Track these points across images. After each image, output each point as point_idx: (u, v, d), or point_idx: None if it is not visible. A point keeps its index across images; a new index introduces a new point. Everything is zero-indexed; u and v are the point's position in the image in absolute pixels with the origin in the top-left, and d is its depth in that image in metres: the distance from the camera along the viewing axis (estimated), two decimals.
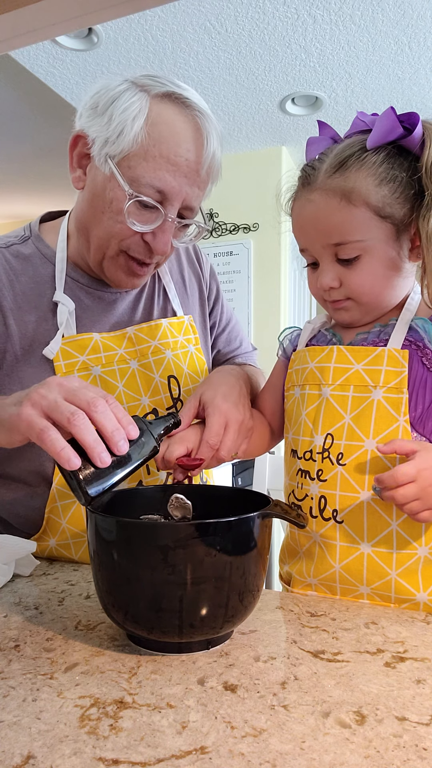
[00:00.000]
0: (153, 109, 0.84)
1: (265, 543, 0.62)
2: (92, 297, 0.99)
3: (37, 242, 0.99)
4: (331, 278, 0.77)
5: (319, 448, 0.78)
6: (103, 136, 0.85)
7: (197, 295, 1.15)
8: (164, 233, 0.88)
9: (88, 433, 0.63)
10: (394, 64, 2.51)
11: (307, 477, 0.79)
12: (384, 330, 0.79)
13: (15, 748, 0.45)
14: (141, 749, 0.44)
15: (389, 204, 0.73)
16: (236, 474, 2.80)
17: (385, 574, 0.73)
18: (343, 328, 0.86)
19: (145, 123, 0.83)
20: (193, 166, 0.86)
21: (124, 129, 0.83)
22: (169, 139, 0.84)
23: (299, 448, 0.82)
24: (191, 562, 0.56)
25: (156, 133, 0.84)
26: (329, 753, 0.44)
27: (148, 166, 0.84)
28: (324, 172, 0.75)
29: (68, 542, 0.94)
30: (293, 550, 0.84)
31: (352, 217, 0.73)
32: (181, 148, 0.85)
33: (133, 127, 0.83)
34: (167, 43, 2.37)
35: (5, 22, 0.85)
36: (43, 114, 3.13)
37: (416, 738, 0.45)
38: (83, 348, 0.94)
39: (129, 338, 0.98)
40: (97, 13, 0.84)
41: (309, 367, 0.83)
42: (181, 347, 1.03)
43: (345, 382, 0.78)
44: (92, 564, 0.62)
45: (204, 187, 0.91)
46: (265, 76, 2.62)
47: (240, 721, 0.48)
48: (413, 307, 0.79)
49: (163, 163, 0.84)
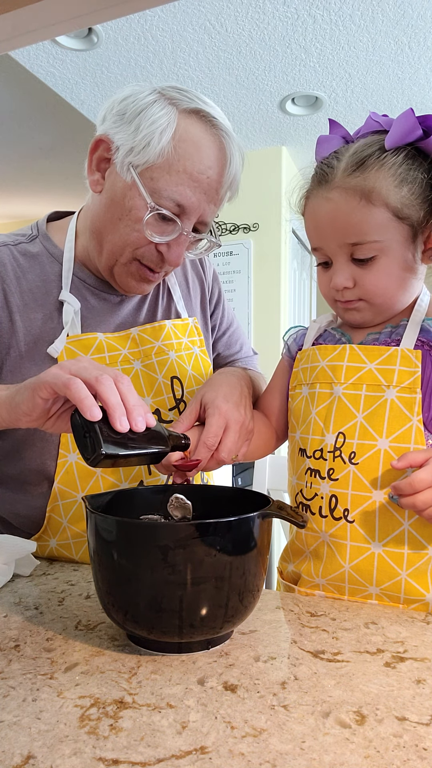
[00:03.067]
0: (180, 124, 0.85)
1: (265, 543, 0.62)
2: (98, 298, 0.99)
3: (45, 241, 1.00)
4: (346, 278, 0.76)
5: (330, 447, 0.78)
6: (128, 145, 0.86)
7: (199, 298, 1.15)
8: (179, 246, 0.90)
9: (113, 394, 0.63)
10: (394, 64, 2.51)
11: (317, 476, 0.79)
12: (395, 330, 0.79)
13: (15, 748, 0.45)
14: (141, 749, 0.44)
15: (408, 205, 0.72)
16: (236, 474, 2.80)
17: (396, 575, 0.73)
18: (353, 328, 0.85)
19: (173, 138, 0.84)
20: (214, 184, 0.88)
21: (151, 141, 0.84)
22: (194, 155, 0.85)
23: (309, 447, 0.81)
24: (191, 562, 0.56)
25: (182, 148, 0.85)
26: (329, 753, 0.44)
27: (170, 179, 0.85)
28: (342, 171, 0.74)
29: (69, 542, 0.94)
30: (299, 549, 0.84)
31: (372, 217, 0.72)
32: (204, 166, 0.86)
33: (160, 140, 0.84)
34: (167, 43, 2.37)
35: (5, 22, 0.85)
36: (43, 114, 3.13)
37: (416, 738, 0.45)
38: (87, 348, 0.94)
39: (133, 339, 0.99)
40: (97, 13, 0.84)
41: (320, 366, 0.83)
42: (185, 348, 1.04)
43: (358, 381, 0.78)
44: (92, 564, 0.62)
45: (220, 205, 0.92)
46: (265, 76, 2.62)
47: (240, 721, 0.48)
48: (423, 309, 0.79)
49: (186, 178, 0.85)
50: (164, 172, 0.85)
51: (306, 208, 0.80)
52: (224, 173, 0.89)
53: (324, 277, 0.81)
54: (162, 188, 0.85)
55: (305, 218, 0.81)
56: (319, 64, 2.53)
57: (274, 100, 2.85)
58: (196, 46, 2.40)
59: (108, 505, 0.69)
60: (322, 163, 0.78)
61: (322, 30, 2.28)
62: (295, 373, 0.89)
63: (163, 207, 0.86)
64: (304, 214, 0.81)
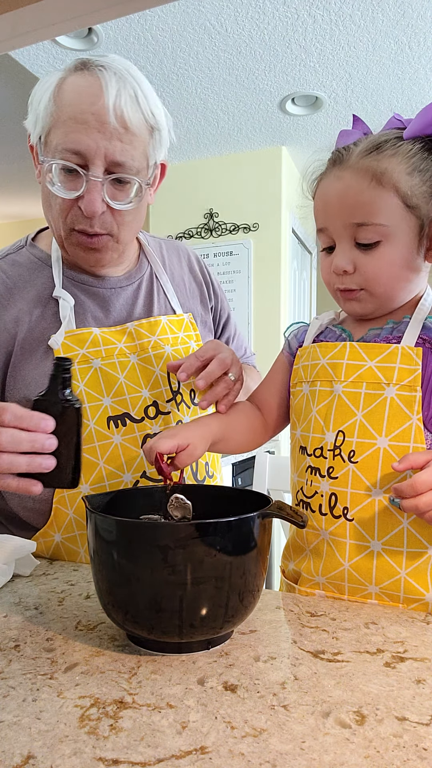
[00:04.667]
0: (62, 81, 0.88)
1: (265, 543, 0.62)
2: (87, 293, 1.01)
3: (31, 249, 1.04)
4: (346, 261, 0.76)
5: (330, 445, 0.78)
6: (32, 124, 0.91)
7: (198, 298, 1.16)
8: (89, 193, 0.88)
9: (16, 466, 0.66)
10: (394, 64, 2.51)
11: (317, 474, 0.79)
12: (397, 327, 0.79)
13: (15, 748, 0.45)
14: (141, 749, 0.44)
15: (417, 195, 0.72)
16: (236, 474, 2.80)
17: (395, 573, 0.73)
18: (354, 324, 0.85)
19: (53, 96, 0.87)
20: (102, 117, 0.85)
21: (39, 110, 0.88)
22: (73, 101, 0.86)
23: (309, 445, 0.81)
24: (191, 562, 0.56)
25: (62, 100, 0.87)
26: (329, 753, 0.44)
27: (59, 132, 0.86)
28: (357, 154, 0.75)
29: (74, 534, 0.95)
30: (299, 547, 0.84)
31: (380, 199, 0.73)
32: (85, 104, 0.85)
33: (45, 104, 0.87)
34: (167, 43, 2.37)
35: (5, 22, 0.86)
36: None
37: (416, 738, 0.45)
38: (83, 342, 0.96)
39: (129, 333, 1.00)
40: (97, 13, 0.85)
41: (320, 364, 0.82)
42: (182, 343, 1.05)
43: (358, 379, 0.77)
44: (92, 564, 0.62)
45: (130, 140, 0.88)
46: (265, 76, 2.62)
47: (240, 721, 0.48)
48: (427, 307, 0.78)
49: (72, 124, 0.85)
50: (55, 129, 0.87)
51: (317, 188, 0.80)
52: (103, 102, 0.85)
53: (326, 262, 0.80)
54: (57, 143, 0.87)
55: (315, 199, 0.80)
56: (319, 64, 2.53)
57: (274, 100, 2.85)
58: (196, 46, 2.40)
59: (108, 505, 0.69)
60: (341, 147, 0.78)
61: (322, 30, 2.28)
62: (295, 370, 0.89)
63: (63, 159, 0.86)
64: (315, 195, 0.81)
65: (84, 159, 0.86)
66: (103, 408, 0.94)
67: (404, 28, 2.26)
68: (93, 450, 0.93)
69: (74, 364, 0.94)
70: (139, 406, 0.96)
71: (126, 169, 0.89)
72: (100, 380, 0.95)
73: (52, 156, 0.87)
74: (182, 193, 3.58)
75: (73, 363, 0.73)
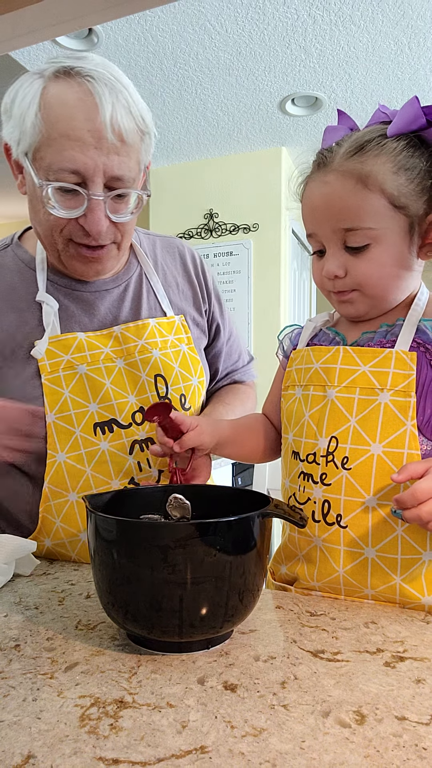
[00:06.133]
0: (45, 92, 0.82)
1: (264, 543, 0.62)
2: (71, 297, 0.99)
3: (17, 249, 1.02)
4: (337, 266, 0.75)
5: (323, 451, 0.77)
6: (14, 138, 0.85)
7: (191, 299, 1.13)
8: (93, 213, 0.85)
9: None
10: (394, 64, 2.51)
11: (309, 480, 0.78)
12: (391, 330, 0.77)
13: (15, 747, 0.45)
14: (141, 749, 0.44)
15: (405, 194, 0.71)
16: (236, 474, 2.80)
17: (390, 579, 0.73)
18: (348, 326, 0.84)
19: (39, 109, 0.82)
20: (98, 133, 0.82)
21: (24, 122, 0.83)
22: (62, 116, 0.81)
23: (302, 451, 0.80)
24: (191, 562, 0.56)
25: (50, 115, 0.82)
26: (329, 753, 0.44)
27: (53, 150, 0.82)
28: (341, 155, 0.73)
29: (63, 541, 0.94)
30: (291, 552, 0.84)
31: (366, 202, 0.71)
32: (78, 121, 0.81)
33: (31, 117, 0.82)
34: (167, 43, 2.37)
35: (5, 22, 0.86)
36: None
37: (416, 738, 0.45)
38: (68, 347, 0.94)
39: (116, 337, 0.98)
40: (97, 13, 0.84)
41: (313, 368, 0.81)
42: (171, 346, 1.02)
43: (351, 384, 0.76)
44: (92, 563, 0.62)
45: (126, 152, 0.85)
46: (265, 76, 2.62)
47: (240, 720, 0.48)
48: (420, 308, 0.77)
49: (65, 142, 0.81)
50: (46, 147, 0.82)
51: (304, 192, 0.79)
52: (98, 117, 0.82)
53: (318, 266, 0.79)
54: (51, 163, 0.83)
55: (303, 203, 0.79)
56: (319, 65, 2.53)
57: (274, 101, 2.85)
58: (196, 46, 2.40)
59: (108, 504, 0.69)
60: (324, 149, 0.77)
61: (322, 30, 2.28)
62: (288, 372, 0.88)
63: (60, 180, 0.83)
64: (302, 199, 0.79)
65: (82, 177, 0.83)
66: (90, 414, 0.93)
67: (404, 28, 2.26)
68: (80, 457, 0.92)
69: (60, 371, 0.93)
70: (126, 412, 0.94)
71: (125, 182, 0.87)
72: (86, 386, 0.93)
73: (46, 175, 0.84)
74: (182, 193, 3.58)
75: None
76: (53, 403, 0.92)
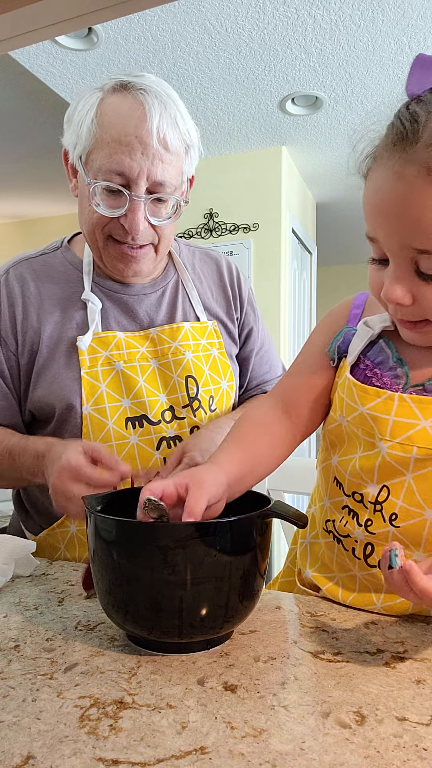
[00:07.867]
0: (103, 102, 0.91)
1: (265, 543, 0.62)
2: (112, 299, 1.04)
3: (65, 252, 1.08)
4: (403, 293, 0.58)
5: (371, 497, 0.67)
6: (72, 143, 0.94)
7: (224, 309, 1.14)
8: (133, 213, 0.92)
9: None
10: (394, 64, 2.51)
11: (354, 519, 0.69)
12: None
13: (15, 748, 0.45)
14: (141, 749, 0.44)
15: None
16: None
17: None
18: (414, 353, 0.68)
19: (95, 116, 0.90)
20: (144, 140, 0.89)
21: (81, 129, 0.91)
22: (116, 123, 0.89)
23: (346, 485, 0.70)
24: (191, 563, 0.56)
25: (104, 122, 0.90)
26: (329, 753, 0.44)
27: (104, 153, 0.90)
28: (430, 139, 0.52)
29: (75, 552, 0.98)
30: (326, 566, 0.77)
31: None
32: (128, 127, 0.89)
33: (87, 124, 0.91)
34: (167, 43, 2.37)
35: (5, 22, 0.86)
36: (43, 114, 3.13)
37: (416, 738, 0.45)
38: (107, 344, 1.00)
39: (151, 339, 1.03)
40: (97, 13, 0.85)
41: (359, 411, 0.68)
42: (203, 350, 1.06)
43: (407, 441, 0.64)
44: (92, 564, 0.62)
45: (170, 160, 0.93)
46: (265, 76, 2.62)
47: (240, 721, 0.48)
48: None
49: (115, 146, 0.89)
50: (98, 150, 0.91)
51: (369, 175, 0.59)
52: (145, 125, 0.89)
53: (376, 277, 0.62)
54: (100, 164, 0.90)
55: (366, 188, 0.59)
56: (319, 64, 2.53)
57: (274, 100, 2.84)
58: (196, 46, 2.40)
59: (108, 505, 0.69)
60: (408, 110, 0.55)
61: (322, 30, 2.28)
62: (336, 394, 0.74)
63: (107, 180, 0.90)
64: (366, 184, 0.60)
65: (127, 179, 0.90)
66: (123, 409, 0.98)
67: (404, 28, 2.26)
68: (110, 448, 0.96)
69: (98, 366, 0.98)
70: (157, 409, 0.99)
71: (166, 188, 0.93)
72: (121, 382, 0.99)
73: (95, 176, 0.91)
74: None
75: None
76: (90, 396, 0.97)
